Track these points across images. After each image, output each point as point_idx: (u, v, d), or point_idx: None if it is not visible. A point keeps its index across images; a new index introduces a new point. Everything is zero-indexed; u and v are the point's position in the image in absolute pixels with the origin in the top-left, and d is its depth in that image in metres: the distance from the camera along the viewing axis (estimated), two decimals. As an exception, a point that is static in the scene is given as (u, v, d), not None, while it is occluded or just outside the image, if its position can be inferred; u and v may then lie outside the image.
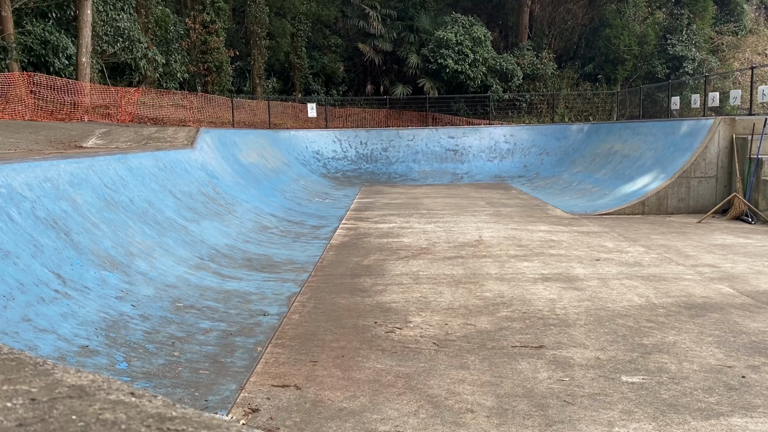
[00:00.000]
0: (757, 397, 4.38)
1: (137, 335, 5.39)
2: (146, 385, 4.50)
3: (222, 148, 15.45)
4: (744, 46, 38.01)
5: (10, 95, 18.52)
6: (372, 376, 4.82)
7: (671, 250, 9.70)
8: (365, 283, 7.87)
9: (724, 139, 13.81)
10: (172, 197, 10.02)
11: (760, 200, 12.83)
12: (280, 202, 14.78)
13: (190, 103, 25.85)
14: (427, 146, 24.39)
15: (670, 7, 35.66)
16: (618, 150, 18.37)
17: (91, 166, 8.25)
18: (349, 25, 34.73)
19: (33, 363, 1.12)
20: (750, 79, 17.36)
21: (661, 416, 4.10)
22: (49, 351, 4.55)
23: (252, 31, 31.47)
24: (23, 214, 6.04)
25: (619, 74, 34.15)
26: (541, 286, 7.59)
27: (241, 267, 8.56)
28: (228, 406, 4.30)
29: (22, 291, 5.07)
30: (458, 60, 30.68)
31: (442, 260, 9.12)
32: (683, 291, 7.27)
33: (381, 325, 6.11)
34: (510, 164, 23.64)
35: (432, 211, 14.43)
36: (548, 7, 36.47)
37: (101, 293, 5.91)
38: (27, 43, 21.41)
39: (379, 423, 4.03)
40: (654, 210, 13.93)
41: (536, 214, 14.03)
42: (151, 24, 26.97)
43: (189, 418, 0.93)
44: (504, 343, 5.57)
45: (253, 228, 11.24)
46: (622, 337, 5.67)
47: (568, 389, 4.54)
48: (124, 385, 1.04)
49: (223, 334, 5.82)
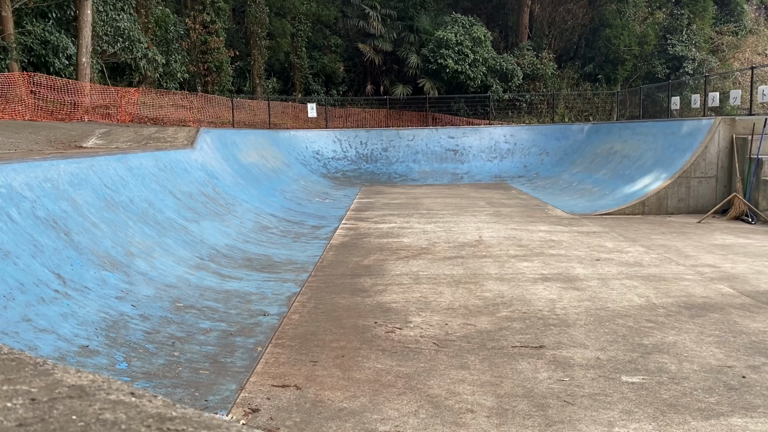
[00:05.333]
0: (757, 397, 4.38)
1: (137, 335, 5.39)
2: (146, 385, 4.50)
3: (222, 148, 15.45)
4: (744, 46, 37.99)
5: (10, 95, 18.51)
6: (372, 376, 4.82)
7: (671, 250, 9.70)
8: (365, 283, 7.87)
9: (724, 139, 13.81)
10: (172, 197, 10.02)
11: (760, 200, 12.83)
12: (280, 202, 14.77)
13: (190, 103, 25.84)
14: (427, 146, 24.38)
15: (670, 7, 35.65)
16: (618, 150, 18.36)
17: (91, 166, 8.25)
18: (349, 25, 34.73)
19: (33, 363, 1.12)
20: (750, 79, 17.36)
21: (661, 416, 4.10)
22: (49, 351, 4.54)
23: (252, 31, 31.47)
24: (23, 214, 6.04)
25: (619, 74, 34.14)
26: (541, 286, 7.59)
27: (241, 267, 8.56)
28: (228, 406, 4.30)
29: (22, 291, 5.07)
30: (458, 60, 30.68)
31: (442, 260, 9.11)
32: (683, 291, 7.27)
33: (381, 325, 6.11)
34: (510, 164, 23.64)
35: (432, 211, 14.43)
36: (548, 7, 36.47)
37: (101, 293, 5.91)
38: (27, 43, 21.41)
39: (379, 423, 4.03)
40: (654, 210, 13.93)
41: (536, 214, 14.03)
42: (151, 24, 26.96)
43: (189, 418, 0.93)
44: (504, 343, 5.57)
45: (253, 228, 11.24)
46: (622, 337, 5.67)
47: (568, 389, 4.54)
48: (124, 385, 1.04)
49: (223, 334, 5.82)
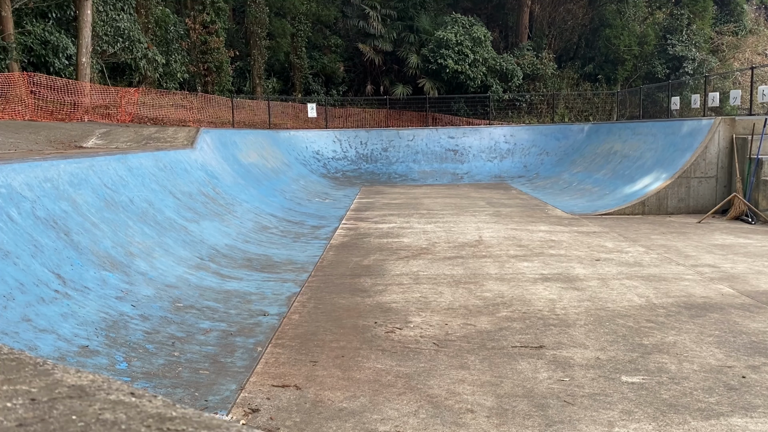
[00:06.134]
0: (757, 397, 4.38)
1: (137, 335, 5.39)
2: (146, 385, 4.49)
3: (222, 148, 15.44)
4: (744, 46, 37.98)
5: (10, 95, 18.51)
6: (372, 376, 4.82)
7: (671, 250, 9.70)
8: (365, 283, 7.87)
9: (724, 140, 13.81)
10: (172, 197, 10.02)
11: (760, 200, 12.83)
12: (280, 202, 14.77)
13: (190, 103, 25.83)
14: (427, 146, 24.38)
15: (670, 7, 35.65)
16: (618, 150, 18.37)
17: (91, 166, 8.25)
18: (349, 25, 34.72)
19: (33, 363, 1.12)
20: (750, 79, 17.36)
21: (661, 416, 4.10)
22: (49, 351, 4.54)
23: (252, 31, 31.46)
24: (23, 214, 6.04)
25: (619, 74, 34.14)
26: (541, 286, 7.59)
27: (241, 267, 8.56)
28: (228, 406, 4.30)
29: (22, 291, 5.07)
30: (458, 60, 30.67)
31: (442, 260, 9.11)
32: (683, 291, 7.27)
33: (381, 325, 6.11)
34: (510, 164, 23.64)
35: (432, 211, 14.43)
36: (548, 7, 36.46)
37: (101, 293, 5.91)
38: (27, 43, 21.41)
39: (379, 423, 4.03)
40: (654, 210, 13.93)
41: (536, 214, 14.02)
42: (151, 24, 26.95)
43: (189, 418, 0.93)
44: (504, 343, 5.57)
45: (253, 228, 11.24)
46: (622, 337, 5.66)
47: (568, 389, 4.54)
48: (124, 385, 1.04)
49: (223, 334, 5.82)
